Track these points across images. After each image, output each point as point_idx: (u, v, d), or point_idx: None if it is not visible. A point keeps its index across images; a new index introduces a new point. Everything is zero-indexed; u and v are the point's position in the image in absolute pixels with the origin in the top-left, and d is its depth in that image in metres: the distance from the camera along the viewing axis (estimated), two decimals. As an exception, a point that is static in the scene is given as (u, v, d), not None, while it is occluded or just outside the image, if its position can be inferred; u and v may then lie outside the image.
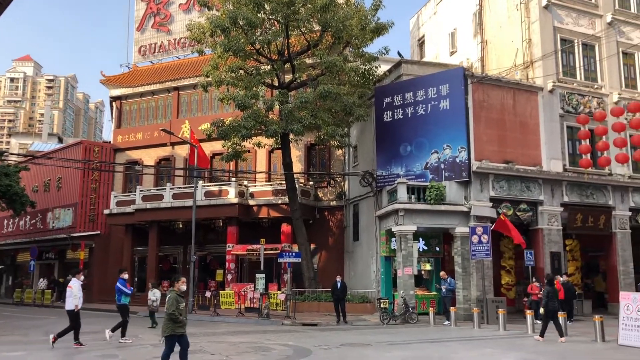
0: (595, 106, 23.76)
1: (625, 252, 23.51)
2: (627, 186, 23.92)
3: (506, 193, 21.80)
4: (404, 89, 23.43)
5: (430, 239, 22.74)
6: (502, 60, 25.46)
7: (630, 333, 13.56)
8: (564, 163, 23.07)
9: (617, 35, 25.10)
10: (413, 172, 22.61)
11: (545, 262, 21.77)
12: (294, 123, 22.84)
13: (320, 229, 28.51)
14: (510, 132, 22.49)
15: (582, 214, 22.95)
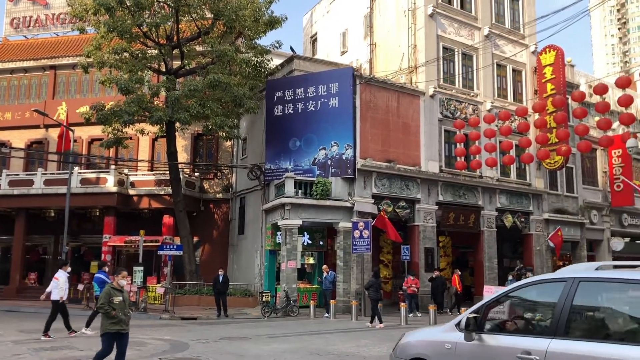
0: (470, 112, 25.43)
1: (491, 249, 25.47)
2: (495, 188, 25.90)
3: (387, 191, 22.71)
4: (295, 84, 23.58)
5: (314, 233, 23.12)
6: (389, 63, 26.44)
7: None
8: (440, 164, 24.47)
9: (493, 47, 27.05)
10: (301, 167, 22.84)
11: (420, 257, 22.99)
12: (180, 111, 22.12)
13: (205, 222, 27.95)
14: (394, 132, 23.45)
15: (455, 212, 24.52)
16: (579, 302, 4.93)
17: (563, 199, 29.05)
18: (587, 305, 5.03)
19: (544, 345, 4.81)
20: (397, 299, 22.43)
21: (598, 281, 5.10)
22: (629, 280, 4.77)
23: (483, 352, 5.36)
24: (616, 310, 4.97)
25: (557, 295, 5.08)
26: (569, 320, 4.87)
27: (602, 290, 5.04)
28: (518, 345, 5.04)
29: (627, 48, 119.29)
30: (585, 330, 4.93)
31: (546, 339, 4.87)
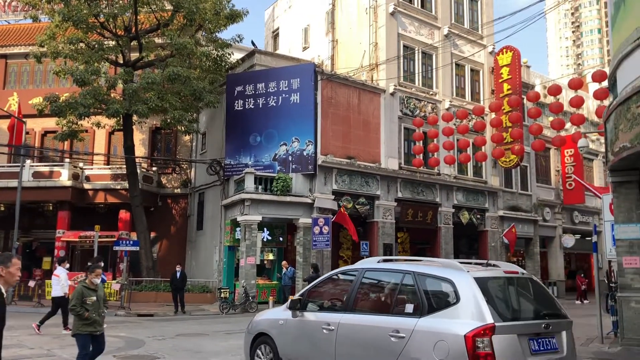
0: (429, 111, 25.81)
1: (448, 245, 25.96)
2: (452, 185, 26.38)
3: (347, 187, 22.85)
4: (256, 79, 23.44)
5: (274, 229, 23.07)
6: (350, 60, 26.57)
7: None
8: (399, 161, 24.76)
9: (452, 47, 27.51)
10: (262, 162, 22.73)
11: (379, 252, 23.22)
12: (138, 104, 21.68)
13: (162, 217, 27.53)
14: (354, 129, 23.60)
15: (413, 209, 24.87)
16: (363, 286, 6.91)
17: (517, 196, 29.83)
18: (366, 288, 6.97)
19: (339, 318, 6.67)
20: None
21: (375, 270, 7.13)
22: (389, 270, 6.94)
23: (302, 325, 7.21)
24: (380, 290, 6.91)
25: (350, 282, 7.07)
26: (355, 300, 6.78)
27: (378, 276, 7.03)
28: (324, 319, 6.89)
29: (580, 51, 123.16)
30: (364, 306, 6.79)
31: (341, 314, 6.73)
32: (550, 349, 5.81)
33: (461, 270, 6.01)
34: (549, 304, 6.43)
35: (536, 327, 5.78)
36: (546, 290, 6.72)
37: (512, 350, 5.46)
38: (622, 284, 12.06)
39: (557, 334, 5.99)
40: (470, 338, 5.32)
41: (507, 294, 6.25)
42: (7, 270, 4.26)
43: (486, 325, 5.36)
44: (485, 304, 5.52)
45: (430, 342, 5.62)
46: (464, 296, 5.66)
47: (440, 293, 6.02)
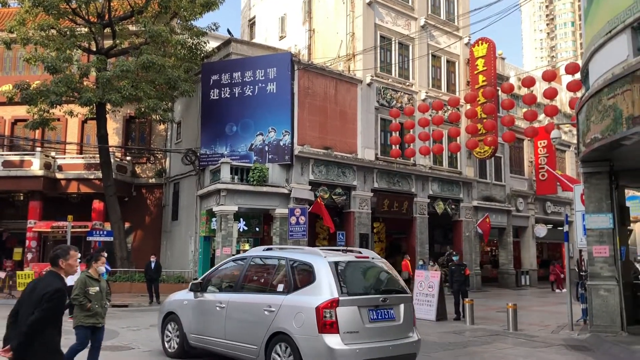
0: (406, 102, 25.92)
1: (423, 235, 26.21)
2: (427, 176, 26.60)
3: (324, 177, 22.87)
4: (232, 68, 23.22)
5: (250, 219, 22.98)
6: (327, 50, 26.49)
7: (421, 307, 15.17)
8: (376, 152, 24.85)
9: (428, 38, 27.63)
10: (238, 152, 22.59)
11: (355, 242, 23.33)
12: (111, 92, 21.30)
13: (137, 207, 27.21)
14: (331, 120, 23.58)
15: (389, 199, 25.02)
16: (249, 270, 8.43)
17: (492, 187, 30.24)
18: (251, 272, 8.47)
19: (229, 298, 8.19)
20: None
21: (259, 257, 8.66)
22: (269, 257, 8.48)
23: (201, 305, 8.68)
24: (261, 273, 8.44)
25: (241, 267, 8.61)
26: (243, 282, 8.33)
27: (260, 262, 8.55)
28: (218, 299, 8.35)
29: (554, 43, 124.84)
30: (249, 287, 8.33)
31: (231, 294, 8.27)
32: (387, 318, 7.34)
33: (320, 255, 7.53)
34: (391, 283, 7.95)
35: (375, 301, 7.31)
36: (391, 271, 8.15)
37: (353, 318, 6.98)
38: (591, 273, 12.34)
39: (395, 306, 7.49)
40: (319, 309, 6.86)
41: (354, 275, 7.76)
42: (67, 262, 4.71)
43: (332, 299, 6.90)
44: (334, 283, 7.05)
45: (292, 313, 7.17)
46: (319, 277, 7.20)
47: (303, 274, 7.54)
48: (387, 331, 7.30)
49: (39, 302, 4.36)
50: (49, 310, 4.36)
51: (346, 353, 6.78)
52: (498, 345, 11.14)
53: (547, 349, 10.84)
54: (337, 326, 6.80)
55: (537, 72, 26.04)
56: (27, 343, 4.31)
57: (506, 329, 13.21)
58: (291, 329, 7.08)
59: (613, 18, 10.37)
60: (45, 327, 4.37)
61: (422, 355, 9.92)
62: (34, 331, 4.30)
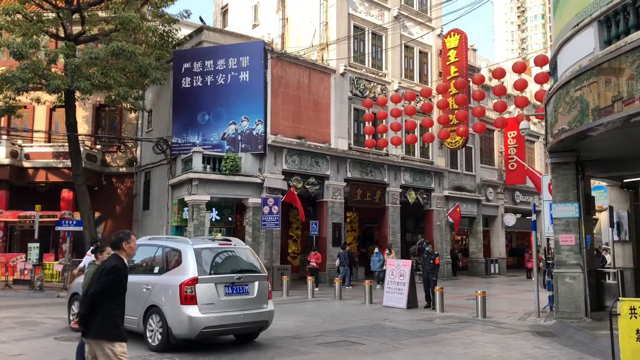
0: (379, 92, 26.04)
1: (395, 224, 26.47)
2: (399, 166, 26.83)
3: (298, 167, 22.87)
4: (204, 56, 22.97)
5: (223, 209, 22.88)
6: (301, 39, 26.39)
7: (392, 295, 15.38)
8: (349, 142, 24.94)
9: (401, 29, 27.74)
10: (210, 141, 22.41)
11: (328, 232, 23.47)
12: (81, 80, 20.81)
13: (107, 197, 26.82)
14: (305, 109, 23.56)
15: (362, 189, 25.18)
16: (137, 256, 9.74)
17: (462, 177, 30.67)
18: (139, 257, 9.89)
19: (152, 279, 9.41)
20: (305, 273, 22.79)
21: (144, 245, 10.07)
22: (150, 244, 10.22)
23: None
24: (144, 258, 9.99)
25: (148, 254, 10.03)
26: (134, 265, 9.56)
27: (145, 249, 10.01)
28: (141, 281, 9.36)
29: (524, 35, 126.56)
30: (137, 269, 9.66)
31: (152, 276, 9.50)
32: (241, 292, 9.25)
33: (188, 243, 9.42)
34: (248, 264, 9.75)
35: (230, 279, 9.16)
36: (250, 255, 10.04)
37: (210, 293, 8.85)
38: (558, 261, 12.66)
39: (250, 283, 9.38)
40: (182, 286, 8.70)
41: (215, 258, 9.41)
42: (129, 245, 5.40)
43: (193, 278, 8.76)
44: (194, 265, 8.90)
45: (163, 290, 9.01)
46: (185, 260, 9.05)
47: (173, 259, 9.39)
48: (241, 303, 9.18)
49: (99, 277, 5.12)
50: (105, 284, 5.06)
51: (202, 320, 8.65)
52: (467, 332, 11.37)
53: (514, 335, 11.10)
54: (195, 299, 8.66)
55: (507, 63, 26.39)
56: (89, 313, 5.04)
57: (475, 316, 13.47)
58: (161, 302, 8.95)
59: (581, 11, 10.57)
60: (103, 299, 5.05)
61: (393, 343, 10.09)
62: (93, 302, 5.03)
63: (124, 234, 5.48)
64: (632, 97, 8.63)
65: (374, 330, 11.48)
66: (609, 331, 7.52)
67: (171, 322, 8.71)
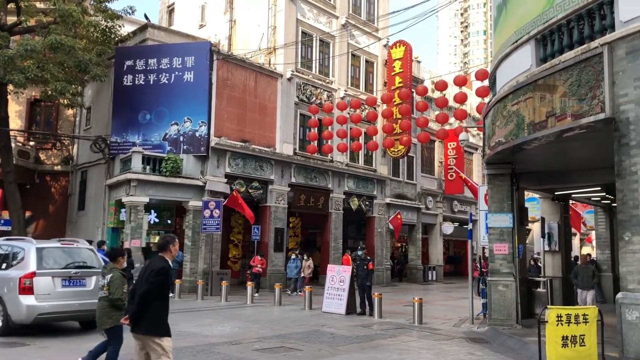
0: (325, 98, 26.18)
1: (337, 230, 26.62)
2: (344, 172, 27.04)
3: (241, 170, 22.63)
4: (148, 54, 22.41)
5: (162, 211, 22.34)
6: (248, 42, 26.20)
7: (332, 301, 15.43)
8: (294, 147, 24.93)
9: (349, 37, 28.03)
10: (151, 142, 21.86)
11: (270, 237, 23.33)
12: (14, 73, 19.80)
13: (40, 195, 25.67)
14: (250, 112, 23.38)
15: (306, 194, 25.20)
16: None
17: (404, 185, 31.23)
18: None
19: None
20: (245, 278, 22.57)
21: None
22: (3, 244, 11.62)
23: None
24: None
25: None
26: None
27: None
28: None
29: (467, 50, 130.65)
30: None
31: None
32: (78, 285, 10.82)
33: (31, 243, 11.03)
34: (88, 261, 11.32)
35: (67, 273, 10.78)
36: (92, 254, 11.65)
37: (47, 285, 10.38)
38: (492, 269, 13.05)
39: (88, 277, 10.96)
40: (20, 279, 10.22)
41: (56, 256, 10.97)
42: (175, 247, 5.97)
43: (31, 272, 10.31)
44: (34, 261, 10.44)
45: (6, 282, 10.49)
46: (27, 257, 10.58)
47: (18, 256, 10.86)
48: (77, 294, 10.66)
49: (147, 278, 5.60)
50: (155, 284, 5.56)
51: (37, 307, 10.20)
52: (403, 339, 11.54)
53: (448, 341, 11.35)
54: (32, 290, 10.18)
55: (449, 76, 27.12)
56: (140, 312, 5.56)
57: (412, 323, 13.70)
58: (3, 293, 10.48)
59: (519, 29, 10.99)
60: (153, 298, 5.56)
61: (330, 349, 10.10)
62: (144, 301, 5.53)
63: (171, 237, 6.07)
64: (565, 113, 9.03)
65: (312, 336, 11.47)
66: (537, 338, 7.80)
67: (10, 310, 10.30)
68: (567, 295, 15.34)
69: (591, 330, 7.49)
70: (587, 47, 8.73)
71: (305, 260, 21.61)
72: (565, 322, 7.33)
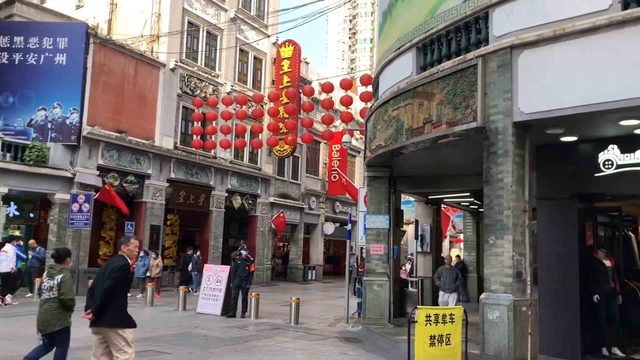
0: (210, 92, 25.44)
1: (218, 229, 26.00)
2: (227, 170, 26.47)
3: (116, 163, 21.31)
4: (13, 30, 20.40)
5: (24, 203, 20.41)
6: (130, 27, 24.75)
7: (207, 302, 14.95)
8: (175, 141, 23.95)
9: (237, 31, 27.50)
10: (13, 127, 19.92)
11: (145, 234, 22.19)
12: None
13: None
14: (128, 102, 22.09)
15: (186, 191, 24.31)
16: None
17: (288, 184, 31.28)
18: None
19: None
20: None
21: None
22: None
23: None
24: None
25: None
26: None
27: None
28: None
29: (354, 56, 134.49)
30: None
31: None
32: None
33: None
34: None
35: None
36: None
37: None
38: (368, 269, 13.32)
39: None
40: None
41: None
42: (128, 247, 6.32)
43: None
44: None
45: None
46: None
47: None
48: None
49: (110, 273, 6.00)
50: (118, 279, 6.00)
51: None
52: (278, 339, 11.38)
53: (323, 341, 11.37)
54: None
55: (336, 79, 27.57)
56: (103, 305, 5.91)
57: (288, 323, 13.61)
58: None
59: (402, 36, 11.28)
60: (115, 292, 5.99)
61: (202, 351, 9.69)
62: (107, 294, 5.91)
63: (125, 238, 6.45)
64: (441, 120, 9.36)
65: (184, 339, 10.95)
66: (408, 337, 7.98)
67: None
68: (436, 295, 16.10)
69: (457, 330, 7.80)
70: (463, 59, 9.11)
71: (154, 259, 20.13)
72: (434, 321, 7.56)
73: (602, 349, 9.24)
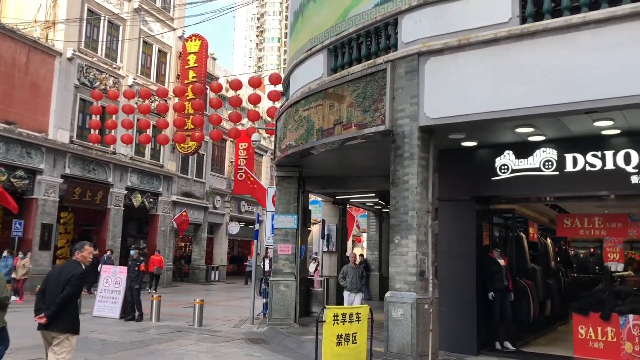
0: (111, 85, 24.19)
1: (116, 228, 24.80)
2: (127, 166, 25.31)
3: (3, 157, 19.66)
4: None
5: None
6: (22, 11, 23.00)
7: (105, 304, 14.22)
8: (71, 134, 22.54)
9: (141, 23, 26.39)
10: None
11: (35, 233, 20.71)
12: None
13: None
14: (19, 91, 20.50)
15: (82, 187, 22.96)
16: None
17: (192, 183, 30.51)
18: None
19: None
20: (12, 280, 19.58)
21: None
22: None
23: None
24: None
25: None
26: None
27: None
28: None
29: (262, 54, 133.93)
30: None
31: None
32: None
33: None
34: None
35: None
36: None
37: None
38: (275, 269, 13.27)
39: None
40: None
41: None
42: (81, 254, 6.38)
43: None
44: None
45: None
46: None
47: None
48: None
49: (69, 281, 6.04)
50: (77, 287, 6.14)
51: None
52: (181, 342, 11.04)
53: (228, 343, 11.18)
54: None
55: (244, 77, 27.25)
56: (59, 311, 5.98)
57: (191, 325, 13.25)
58: None
59: (314, 37, 11.35)
60: (73, 299, 6.13)
61: (99, 357, 9.18)
62: (65, 302, 6.01)
63: (78, 245, 6.46)
64: (350, 122, 9.51)
65: (79, 344, 10.22)
66: (315, 336, 8.01)
67: None
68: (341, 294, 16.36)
69: (362, 328, 7.95)
70: (373, 63, 9.32)
71: (21, 259, 18.51)
72: (341, 321, 7.65)
73: (496, 343, 9.82)
